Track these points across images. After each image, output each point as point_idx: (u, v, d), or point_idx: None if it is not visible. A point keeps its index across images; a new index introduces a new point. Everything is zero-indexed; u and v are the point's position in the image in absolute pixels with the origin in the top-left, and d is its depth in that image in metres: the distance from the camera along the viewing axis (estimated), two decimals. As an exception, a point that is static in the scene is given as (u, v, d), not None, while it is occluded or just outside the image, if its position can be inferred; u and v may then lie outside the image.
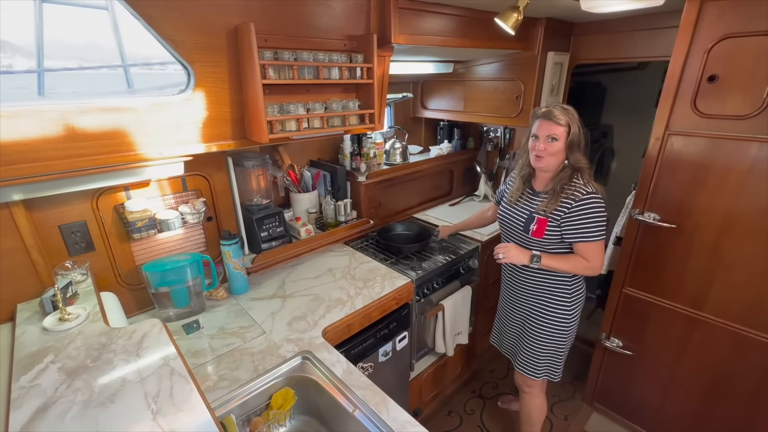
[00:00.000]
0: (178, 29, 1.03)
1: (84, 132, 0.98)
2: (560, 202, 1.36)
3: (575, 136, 1.34)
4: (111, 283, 1.33)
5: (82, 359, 0.84)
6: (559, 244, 1.42)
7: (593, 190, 1.34)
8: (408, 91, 2.50)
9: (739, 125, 1.38)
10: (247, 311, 1.41)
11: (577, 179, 1.36)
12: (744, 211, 1.43)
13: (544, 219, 1.40)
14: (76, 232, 1.23)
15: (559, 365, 1.63)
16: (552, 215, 1.38)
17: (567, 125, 1.33)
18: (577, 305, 1.54)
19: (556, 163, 1.38)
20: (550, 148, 1.35)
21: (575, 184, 1.36)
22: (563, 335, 1.56)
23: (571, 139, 1.34)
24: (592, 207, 1.33)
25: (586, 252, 1.37)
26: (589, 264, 1.38)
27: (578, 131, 1.35)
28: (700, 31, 1.38)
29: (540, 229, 1.42)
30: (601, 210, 1.34)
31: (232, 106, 1.21)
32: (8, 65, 1.14)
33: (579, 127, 1.35)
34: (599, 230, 1.34)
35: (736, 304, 1.51)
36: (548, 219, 1.39)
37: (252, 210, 1.65)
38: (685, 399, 1.74)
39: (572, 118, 1.35)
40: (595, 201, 1.33)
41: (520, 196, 1.51)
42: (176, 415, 0.71)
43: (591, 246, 1.36)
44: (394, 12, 1.37)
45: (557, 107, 1.36)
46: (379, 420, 0.97)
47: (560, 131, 1.33)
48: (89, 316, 0.99)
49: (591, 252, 1.37)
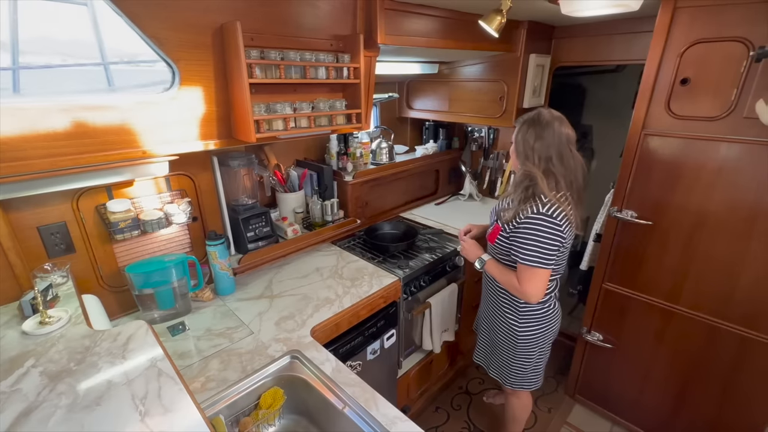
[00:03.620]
0: (162, 27, 1.02)
1: (65, 131, 0.96)
2: (517, 215, 1.30)
3: (519, 140, 1.30)
4: (93, 286, 1.30)
5: (65, 363, 0.83)
6: (507, 257, 1.38)
7: (542, 212, 1.22)
8: (394, 92, 2.52)
9: (710, 126, 1.45)
10: (234, 312, 1.40)
11: (543, 196, 1.25)
12: (715, 208, 1.50)
13: (499, 227, 1.37)
14: (55, 233, 1.19)
15: (531, 377, 1.58)
16: (505, 225, 1.34)
17: (516, 129, 1.32)
18: (538, 324, 1.46)
19: (516, 166, 1.36)
20: (510, 149, 1.39)
21: (536, 200, 1.26)
22: (525, 349, 1.50)
23: (516, 143, 1.31)
24: (531, 229, 1.24)
25: (519, 273, 1.30)
26: (518, 287, 1.30)
27: (522, 136, 1.28)
28: (673, 36, 1.45)
29: (493, 235, 1.41)
30: (541, 235, 1.22)
31: (218, 105, 1.20)
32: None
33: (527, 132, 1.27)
34: (535, 256, 1.24)
35: (708, 297, 1.58)
36: (501, 228, 1.36)
37: (238, 210, 1.63)
38: (662, 389, 1.82)
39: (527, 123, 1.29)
40: (536, 224, 1.23)
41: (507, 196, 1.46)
42: (165, 416, 0.70)
43: (523, 270, 1.28)
44: (380, 13, 1.38)
45: (533, 112, 1.33)
46: (369, 416, 0.98)
47: (513, 135, 1.34)
48: (71, 319, 0.97)
49: (522, 275, 1.29)
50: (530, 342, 1.48)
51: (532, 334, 1.47)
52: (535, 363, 1.55)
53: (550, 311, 1.46)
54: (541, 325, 1.46)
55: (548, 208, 1.22)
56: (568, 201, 1.27)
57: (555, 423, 2.08)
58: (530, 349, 1.50)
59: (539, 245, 1.23)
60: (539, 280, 1.27)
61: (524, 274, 1.28)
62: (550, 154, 1.26)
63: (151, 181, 1.36)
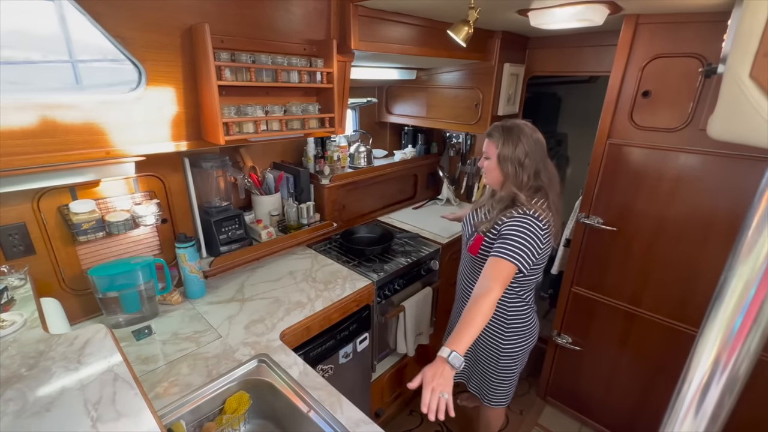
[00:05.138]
0: (128, 27, 1.01)
1: (22, 129, 0.93)
2: (496, 222, 1.29)
3: (507, 155, 1.25)
4: (54, 289, 1.26)
5: (16, 368, 0.80)
6: None
7: (528, 214, 1.22)
8: (373, 96, 2.54)
9: (669, 137, 1.52)
10: (203, 315, 1.38)
11: (524, 203, 1.26)
12: (673, 215, 1.57)
13: (481, 236, 1.34)
14: (13, 234, 1.16)
15: (510, 392, 1.58)
16: (489, 234, 1.31)
17: (498, 142, 1.28)
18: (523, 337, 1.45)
19: (497, 181, 1.33)
20: (485, 165, 1.33)
21: (519, 206, 1.27)
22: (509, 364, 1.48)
23: (502, 157, 1.27)
24: (516, 226, 1.21)
25: (491, 267, 1.17)
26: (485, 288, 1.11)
27: (512, 150, 1.24)
28: (635, 51, 1.51)
29: (475, 246, 1.36)
30: (524, 232, 1.19)
31: (186, 106, 1.19)
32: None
33: (517, 146, 1.24)
34: (517, 253, 1.17)
35: (668, 301, 1.65)
36: (484, 237, 1.33)
37: (210, 212, 1.61)
38: (627, 389, 1.88)
39: (509, 135, 1.25)
40: (523, 222, 1.21)
41: (483, 206, 1.45)
42: (118, 422, 0.69)
43: (501, 264, 1.16)
44: (354, 19, 1.40)
45: (505, 123, 1.31)
46: (334, 420, 0.99)
47: (491, 149, 1.30)
48: (26, 323, 0.94)
49: (496, 268, 1.16)
50: (516, 356, 1.47)
51: (518, 347, 1.46)
52: (515, 377, 1.56)
53: (533, 323, 1.47)
54: (526, 337, 1.46)
55: (534, 211, 1.23)
56: (550, 210, 1.27)
57: (526, 424, 2.12)
58: (515, 363, 1.49)
59: (520, 241, 1.19)
60: (507, 276, 1.17)
61: (499, 266, 1.17)
62: (539, 168, 1.27)
63: (119, 182, 1.33)
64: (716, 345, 0.48)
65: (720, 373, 0.48)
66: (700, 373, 0.51)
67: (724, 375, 0.47)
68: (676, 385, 0.55)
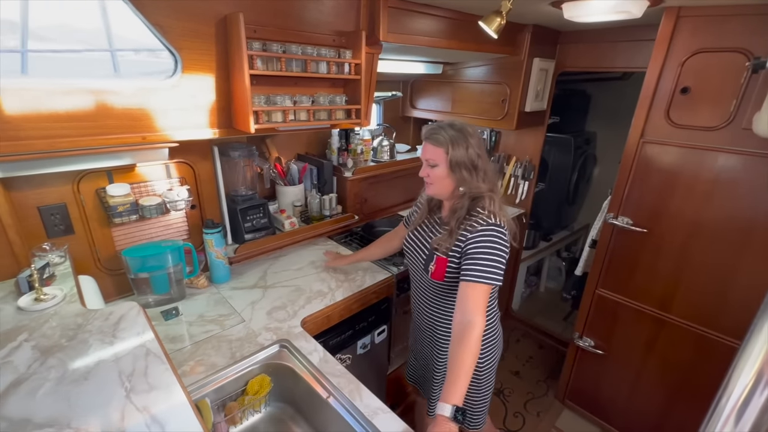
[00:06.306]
0: (166, 15, 1.04)
1: (66, 113, 0.98)
2: (457, 238, 1.12)
3: (460, 159, 1.10)
4: (90, 267, 1.32)
5: (57, 338, 0.85)
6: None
7: (491, 223, 1.08)
8: (398, 90, 2.53)
9: (708, 136, 1.45)
10: (227, 300, 1.42)
11: (481, 209, 1.11)
12: (710, 217, 1.50)
13: (444, 258, 1.15)
14: (55, 214, 1.22)
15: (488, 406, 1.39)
16: (451, 254, 1.13)
17: (446, 147, 1.10)
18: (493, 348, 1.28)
19: (448, 190, 1.15)
20: (432, 174, 1.14)
21: (476, 214, 1.11)
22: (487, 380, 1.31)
23: (454, 163, 1.10)
24: (485, 242, 1.06)
25: (469, 296, 1.03)
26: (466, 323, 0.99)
27: (464, 152, 1.10)
28: (675, 45, 1.45)
29: (439, 270, 1.16)
30: (496, 247, 1.06)
31: (219, 94, 1.22)
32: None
33: (468, 147, 1.10)
34: (492, 272, 1.04)
35: (700, 307, 1.58)
36: (448, 259, 1.14)
37: (237, 200, 1.66)
38: (651, 397, 1.82)
39: (457, 137, 1.10)
40: (494, 234, 1.07)
41: (424, 224, 1.29)
42: (150, 393, 0.72)
43: (478, 289, 1.03)
44: (383, 10, 1.40)
45: (443, 125, 1.13)
46: (352, 406, 1.00)
47: (438, 155, 1.11)
48: (66, 298, 0.99)
49: (474, 296, 1.02)
50: (490, 370, 1.31)
51: (491, 360, 1.29)
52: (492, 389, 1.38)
53: (498, 331, 1.31)
54: (495, 348, 1.30)
55: (495, 218, 1.09)
56: (502, 210, 1.14)
57: (543, 426, 2.09)
58: (491, 378, 1.33)
59: (494, 258, 1.05)
60: (485, 299, 1.05)
61: (476, 292, 1.03)
62: (487, 168, 1.14)
63: (153, 167, 1.38)
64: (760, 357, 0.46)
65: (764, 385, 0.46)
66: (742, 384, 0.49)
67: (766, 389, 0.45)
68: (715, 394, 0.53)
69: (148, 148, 1.15)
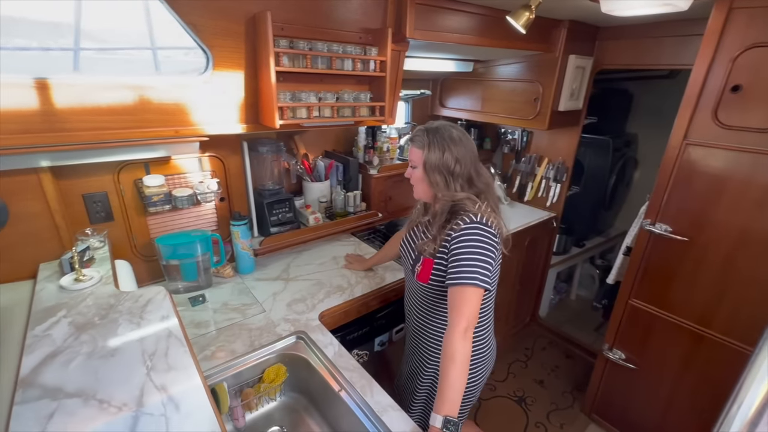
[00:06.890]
0: (199, 14, 1.09)
1: (108, 107, 1.05)
2: (443, 239, 1.09)
3: (434, 163, 1.07)
4: (126, 253, 1.41)
5: (91, 316, 0.91)
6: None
7: (476, 221, 1.03)
8: (427, 88, 2.51)
9: (762, 138, 1.33)
10: (250, 290, 1.47)
11: (463, 212, 1.07)
12: (762, 228, 1.37)
13: (430, 260, 1.12)
14: (97, 201, 1.31)
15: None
16: (439, 255, 1.10)
17: (423, 149, 1.09)
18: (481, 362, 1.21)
19: (429, 193, 1.14)
20: (413, 175, 1.15)
21: (463, 214, 1.07)
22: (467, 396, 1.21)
23: (428, 166, 1.08)
24: (468, 240, 1.01)
25: (456, 302, 0.98)
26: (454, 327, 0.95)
27: (439, 157, 1.07)
28: (726, 39, 1.34)
29: (424, 272, 1.13)
30: (479, 245, 1.01)
31: (247, 91, 1.26)
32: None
33: (445, 152, 1.07)
34: (477, 272, 0.98)
35: (745, 324, 1.46)
36: (434, 260, 1.11)
37: (264, 194, 1.71)
38: (687, 417, 1.69)
39: (435, 141, 1.07)
40: (473, 233, 1.02)
41: (417, 225, 1.27)
42: (168, 373, 0.76)
43: (466, 292, 0.98)
44: (410, 7, 1.39)
45: (429, 127, 1.11)
46: (363, 402, 1.00)
47: (417, 157, 1.11)
48: (102, 279, 1.06)
49: (463, 300, 0.97)
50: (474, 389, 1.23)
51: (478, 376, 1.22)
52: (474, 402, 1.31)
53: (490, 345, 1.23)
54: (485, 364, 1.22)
55: (480, 217, 1.04)
56: (494, 212, 1.10)
57: (567, 439, 2.00)
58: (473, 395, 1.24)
59: (479, 257, 1.00)
60: (476, 303, 0.99)
61: (465, 296, 0.98)
62: (471, 175, 1.10)
63: (186, 160, 1.46)
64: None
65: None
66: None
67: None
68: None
69: (181, 141, 1.21)
